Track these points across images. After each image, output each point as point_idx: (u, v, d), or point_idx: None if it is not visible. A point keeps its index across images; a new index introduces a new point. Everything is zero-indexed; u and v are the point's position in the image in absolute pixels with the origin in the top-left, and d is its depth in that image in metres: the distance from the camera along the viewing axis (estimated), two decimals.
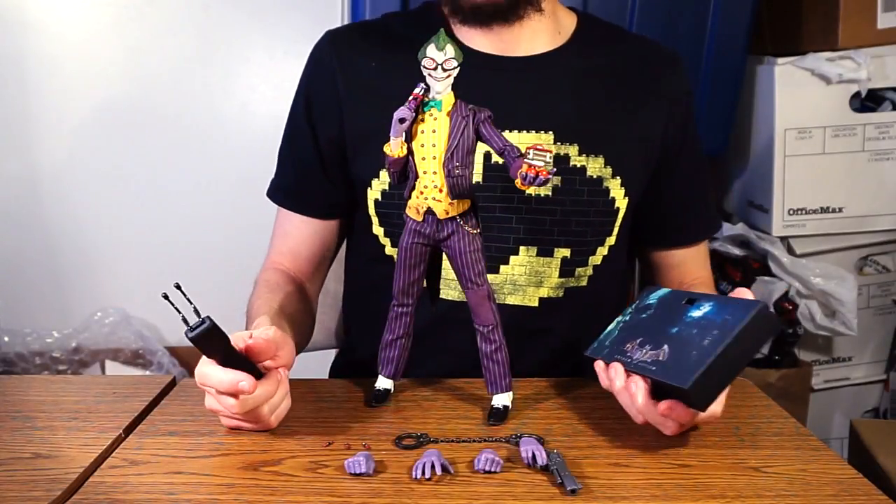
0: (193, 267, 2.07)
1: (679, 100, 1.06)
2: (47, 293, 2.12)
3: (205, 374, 0.74)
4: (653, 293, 0.88)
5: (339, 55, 1.04)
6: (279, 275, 1.05)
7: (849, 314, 1.67)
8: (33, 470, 0.73)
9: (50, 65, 2.01)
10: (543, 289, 1.01)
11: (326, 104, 1.04)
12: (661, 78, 1.05)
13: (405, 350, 0.87)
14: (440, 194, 0.77)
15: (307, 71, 1.08)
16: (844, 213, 1.72)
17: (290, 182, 1.09)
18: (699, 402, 0.73)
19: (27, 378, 1.13)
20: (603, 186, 1.00)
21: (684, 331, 0.77)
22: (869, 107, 1.72)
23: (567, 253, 1.00)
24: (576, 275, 1.02)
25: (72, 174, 2.06)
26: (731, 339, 0.72)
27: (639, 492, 0.68)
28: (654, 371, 0.75)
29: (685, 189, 1.09)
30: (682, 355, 0.74)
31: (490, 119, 0.76)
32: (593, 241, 1.02)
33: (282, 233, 1.10)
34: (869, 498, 0.68)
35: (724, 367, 0.72)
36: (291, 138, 1.09)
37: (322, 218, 1.08)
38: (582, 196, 0.99)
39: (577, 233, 1.00)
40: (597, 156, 0.99)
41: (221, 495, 0.68)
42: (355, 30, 1.10)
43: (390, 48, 1.04)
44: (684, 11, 1.63)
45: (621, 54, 1.06)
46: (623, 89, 1.03)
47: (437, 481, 0.70)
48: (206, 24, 2.01)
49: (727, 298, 0.78)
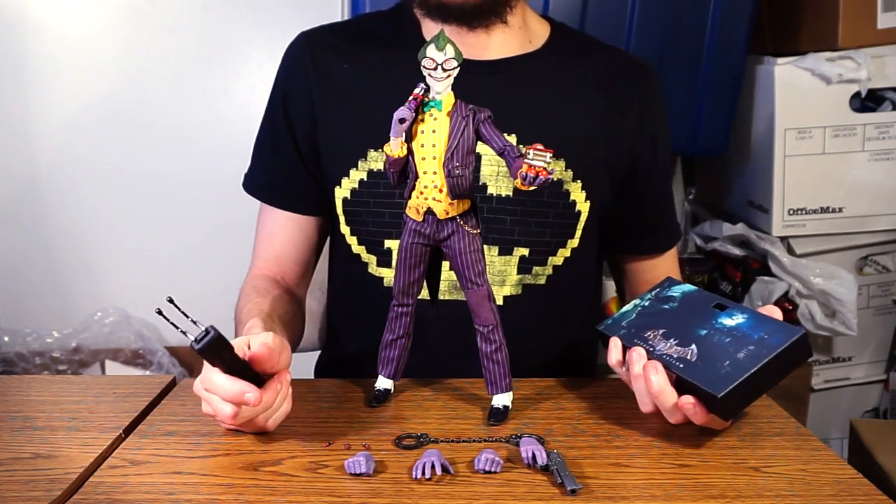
0: (193, 267, 2.07)
1: (649, 109, 1.06)
2: (47, 293, 2.12)
3: (211, 381, 0.74)
4: (675, 285, 0.88)
5: (312, 56, 1.06)
6: (265, 280, 1.06)
7: (849, 314, 1.67)
8: (33, 470, 0.73)
9: (50, 64, 2.00)
10: (507, 287, 1.02)
11: (301, 103, 1.06)
12: (631, 88, 1.06)
13: (405, 350, 0.87)
14: (440, 194, 0.77)
15: (283, 69, 1.10)
16: (844, 213, 1.72)
17: (273, 179, 1.10)
18: (726, 412, 0.74)
19: (27, 378, 1.13)
20: (563, 189, 1.01)
21: (714, 336, 0.77)
22: (869, 107, 1.72)
23: (525, 252, 1.01)
24: (533, 272, 1.03)
25: (72, 174, 2.06)
26: (770, 359, 0.72)
27: (639, 492, 0.68)
28: (682, 369, 0.76)
29: (658, 197, 1.12)
30: (712, 361, 0.75)
31: (490, 119, 0.76)
32: (553, 242, 1.03)
33: (266, 234, 1.10)
34: (869, 498, 0.68)
35: (755, 385, 0.73)
36: (271, 135, 1.10)
37: (305, 214, 1.09)
38: (542, 197, 1.00)
39: (537, 233, 1.01)
40: (557, 159, 0.99)
41: (221, 495, 0.68)
42: (329, 30, 1.11)
43: (363, 49, 1.06)
44: (684, 11, 1.63)
45: (592, 63, 1.07)
46: (591, 96, 1.04)
47: (437, 481, 0.70)
48: (206, 24, 2.01)
49: (761, 315, 0.78)
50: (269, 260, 1.09)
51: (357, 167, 1.01)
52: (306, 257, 1.11)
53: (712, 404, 0.73)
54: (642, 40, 1.62)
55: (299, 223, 1.09)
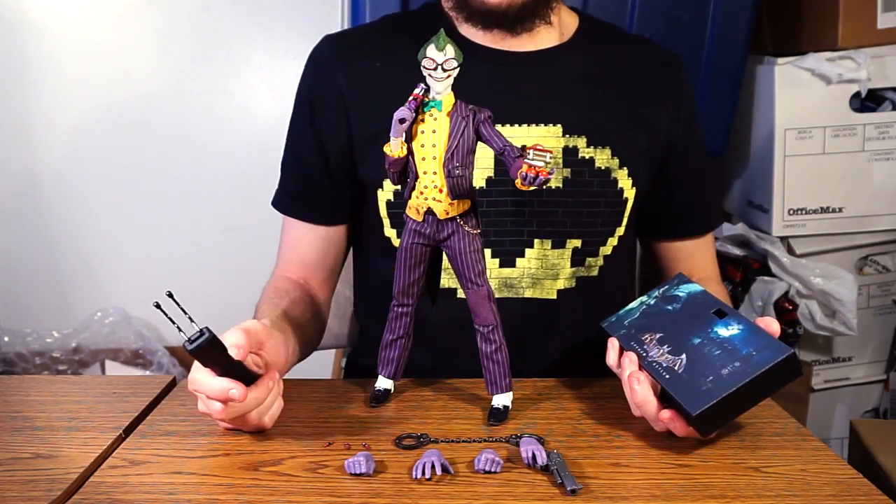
0: (193, 267, 2.08)
1: (683, 99, 1.07)
2: (47, 293, 2.12)
3: (196, 380, 0.74)
4: (683, 284, 0.88)
5: (341, 57, 1.04)
6: (286, 282, 1.05)
7: (849, 314, 1.67)
8: (33, 470, 0.73)
9: (50, 65, 2.01)
10: (560, 280, 1.02)
11: (331, 108, 1.03)
12: (664, 77, 1.07)
13: (405, 350, 0.87)
14: (440, 194, 0.77)
15: (307, 77, 1.06)
16: (844, 213, 1.72)
17: (295, 190, 1.08)
18: (703, 429, 0.74)
19: (27, 378, 1.12)
20: (611, 177, 1.01)
21: (706, 346, 0.77)
22: (869, 107, 1.72)
23: (578, 244, 1.01)
24: (586, 264, 1.03)
25: (72, 174, 2.06)
26: (752, 378, 0.72)
27: (639, 492, 0.68)
28: (667, 380, 0.76)
29: (693, 183, 1.12)
30: (697, 376, 0.75)
31: (490, 119, 0.76)
32: (604, 232, 1.03)
33: (289, 242, 1.09)
34: (869, 498, 0.68)
35: (736, 403, 0.73)
36: (294, 147, 1.08)
37: (329, 224, 1.08)
38: (591, 187, 1.00)
39: (589, 223, 1.01)
40: (604, 147, 1.00)
41: (221, 495, 0.68)
42: (354, 32, 1.10)
43: (393, 48, 1.03)
44: (684, 11, 1.63)
45: (624, 53, 1.07)
46: (626, 85, 1.04)
47: (437, 481, 0.70)
48: (206, 24, 2.01)
49: (756, 329, 0.77)
50: (293, 263, 1.08)
51: None
52: (330, 264, 1.10)
53: (689, 420, 0.73)
54: None
55: (321, 233, 1.08)
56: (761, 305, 1.72)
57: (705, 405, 0.71)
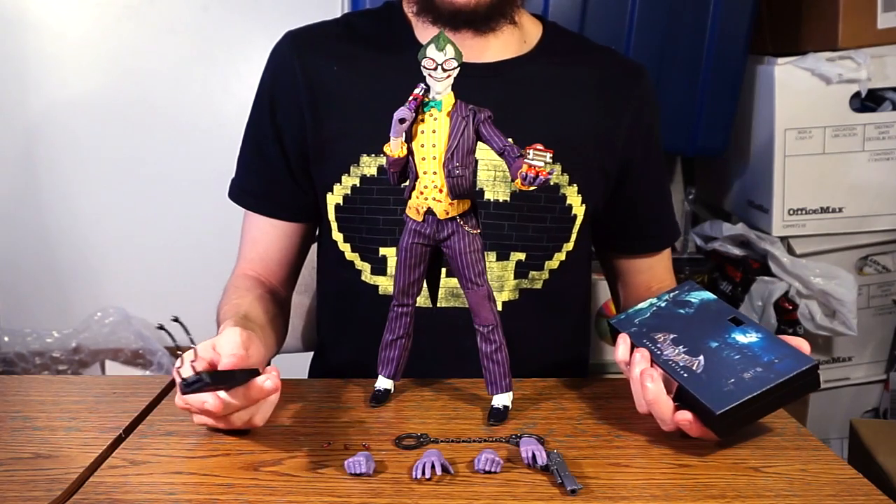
0: (193, 267, 2.07)
1: (642, 110, 1.06)
2: (47, 293, 2.12)
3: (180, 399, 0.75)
4: (694, 291, 0.88)
5: (300, 58, 1.03)
6: (248, 280, 1.05)
7: (849, 314, 1.67)
8: (33, 470, 0.73)
9: (50, 64, 2.01)
10: (504, 293, 1.01)
11: (289, 107, 1.03)
12: (625, 89, 1.05)
13: (405, 350, 0.87)
14: (440, 194, 0.77)
15: (268, 72, 1.07)
16: (844, 213, 1.72)
17: (257, 185, 1.08)
18: (722, 430, 0.74)
19: (27, 378, 1.13)
20: (560, 193, 1.01)
21: (724, 351, 0.77)
22: (869, 107, 1.72)
23: (522, 257, 1.01)
24: (530, 277, 1.02)
25: (72, 174, 2.06)
26: (775, 384, 0.72)
27: (639, 492, 0.68)
28: (686, 379, 0.76)
29: (652, 198, 1.12)
30: (717, 377, 0.74)
31: (490, 119, 0.76)
32: (550, 247, 1.02)
33: (250, 239, 1.09)
34: (869, 498, 0.68)
35: (756, 407, 0.73)
36: (256, 140, 1.08)
37: (290, 220, 1.08)
38: (539, 202, 1.00)
39: (534, 238, 1.01)
40: (554, 163, 0.99)
41: (221, 495, 0.68)
42: (316, 30, 1.08)
43: (353, 50, 1.03)
44: (684, 11, 1.63)
45: (585, 64, 1.06)
46: (585, 98, 1.04)
47: (437, 481, 0.70)
48: (206, 24, 2.01)
49: (775, 338, 0.77)
50: (254, 261, 1.08)
51: (349, 173, 0.99)
52: (291, 260, 1.10)
53: (708, 420, 0.73)
54: (642, 40, 1.62)
55: (284, 229, 1.08)
56: (761, 305, 1.72)
57: (729, 405, 0.71)
